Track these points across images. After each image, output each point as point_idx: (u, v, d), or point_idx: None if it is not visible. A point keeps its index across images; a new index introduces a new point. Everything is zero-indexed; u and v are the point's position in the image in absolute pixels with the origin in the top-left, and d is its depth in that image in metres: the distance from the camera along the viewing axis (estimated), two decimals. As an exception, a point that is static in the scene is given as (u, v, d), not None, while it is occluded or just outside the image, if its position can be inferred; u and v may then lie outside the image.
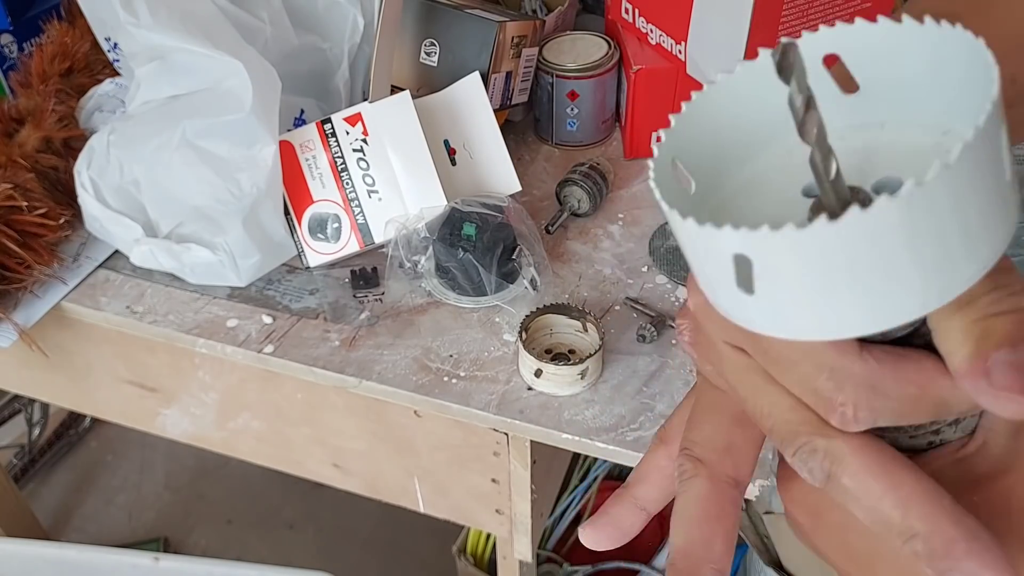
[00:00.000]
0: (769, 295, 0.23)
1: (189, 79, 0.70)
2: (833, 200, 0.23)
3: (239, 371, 0.76)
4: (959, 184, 0.21)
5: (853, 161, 0.26)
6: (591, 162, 0.80)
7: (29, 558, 0.82)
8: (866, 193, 0.24)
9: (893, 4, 0.76)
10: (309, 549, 1.47)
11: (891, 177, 0.25)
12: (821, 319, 0.23)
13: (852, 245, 0.21)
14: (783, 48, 0.22)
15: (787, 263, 0.21)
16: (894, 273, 0.21)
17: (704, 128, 0.27)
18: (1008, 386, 0.23)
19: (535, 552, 0.82)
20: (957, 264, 0.22)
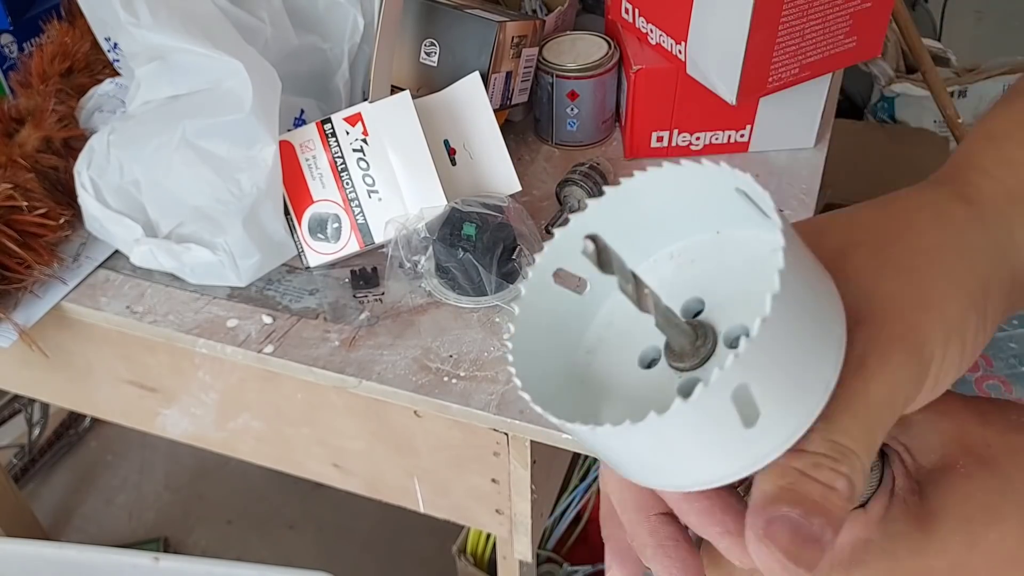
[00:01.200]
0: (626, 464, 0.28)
1: (189, 79, 0.70)
2: (685, 344, 0.27)
3: (239, 371, 0.76)
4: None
5: (684, 281, 0.30)
6: (591, 162, 0.80)
7: (29, 558, 0.82)
8: (707, 324, 0.28)
9: (892, 5, 0.76)
10: (309, 549, 1.47)
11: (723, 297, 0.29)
12: (655, 479, 0.28)
13: (756, 364, 0.24)
14: (595, 247, 0.25)
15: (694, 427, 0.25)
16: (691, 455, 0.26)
17: (543, 310, 0.31)
18: (777, 541, 0.25)
19: (535, 552, 0.82)
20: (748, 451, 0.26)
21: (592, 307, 0.32)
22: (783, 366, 0.24)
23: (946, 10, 2.01)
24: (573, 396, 0.31)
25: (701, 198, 0.28)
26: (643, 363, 0.30)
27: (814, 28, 0.73)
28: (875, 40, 0.78)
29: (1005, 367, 0.73)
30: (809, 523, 0.25)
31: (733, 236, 0.29)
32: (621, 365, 0.31)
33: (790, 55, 0.74)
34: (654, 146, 0.86)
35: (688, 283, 0.30)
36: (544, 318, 0.31)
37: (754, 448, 0.25)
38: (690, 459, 0.26)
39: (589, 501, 1.26)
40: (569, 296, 0.31)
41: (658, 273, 0.31)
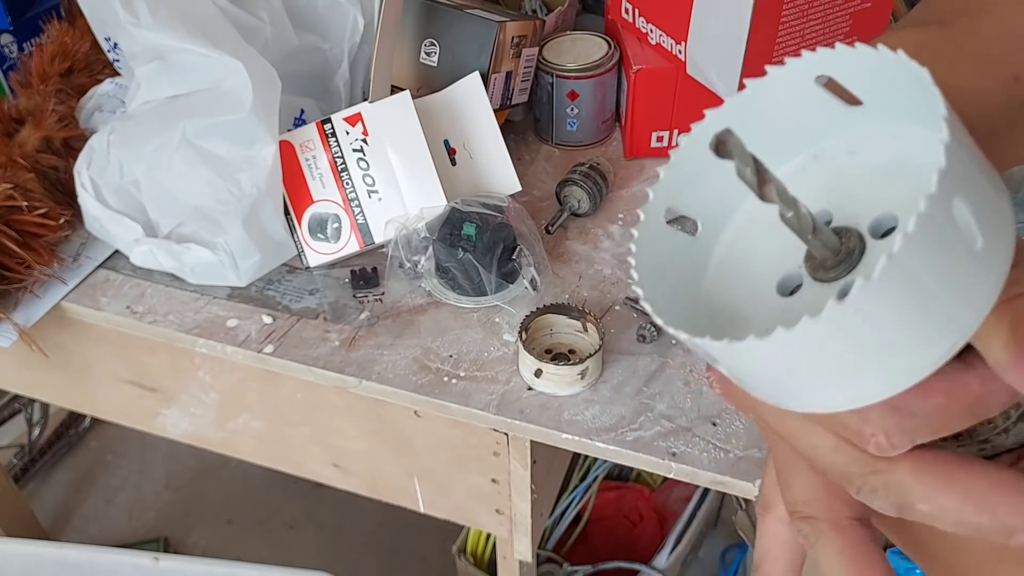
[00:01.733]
0: (769, 384, 0.24)
1: (189, 79, 0.70)
2: (820, 249, 0.24)
3: (239, 371, 0.76)
4: (933, 239, 0.21)
5: (855, 182, 0.26)
6: (591, 162, 0.80)
7: (29, 558, 0.82)
8: (855, 232, 0.24)
9: (892, 5, 0.76)
10: (309, 549, 1.47)
11: (884, 212, 0.25)
12: (831, 398, 0.23)
13: (836, 334, 0.21)
14: (718, 138, 0.23)
15: (768, 362, 0.22)
16: (891, 344, 0.22)
17: (687, 186, 0.28)
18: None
19: (535, 552, 0.82)
20: (960, 312, 0.22)
21: (716, 230, 0.29)
22: (953, 253, 0.21)
23: (946, 10, 2.00)
24: (705, 326, 0.26)
25: (867, 85, 0.25)
26: (783, 291, 0.26)
27: (814, 28, 0.73)
28: (875, 40, 0.78)
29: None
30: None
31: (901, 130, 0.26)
32: (756, 292, 0.27)
33: (790, 55, 0.74)
34: (654, 146, 0.86)
35: (836, 191, 0.27)
36: (664, 246, 0.27)
37: (933, 347, 0.22)
38: (817, 380, 0.23)
39: (589, 501, 1.26)
40: (701, 198, 0.28)
41: (801, 178, 0.28)
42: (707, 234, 0.28)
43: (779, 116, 0.26)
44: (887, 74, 0.23)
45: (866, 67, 0.24)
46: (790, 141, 0.27)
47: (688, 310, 0.27)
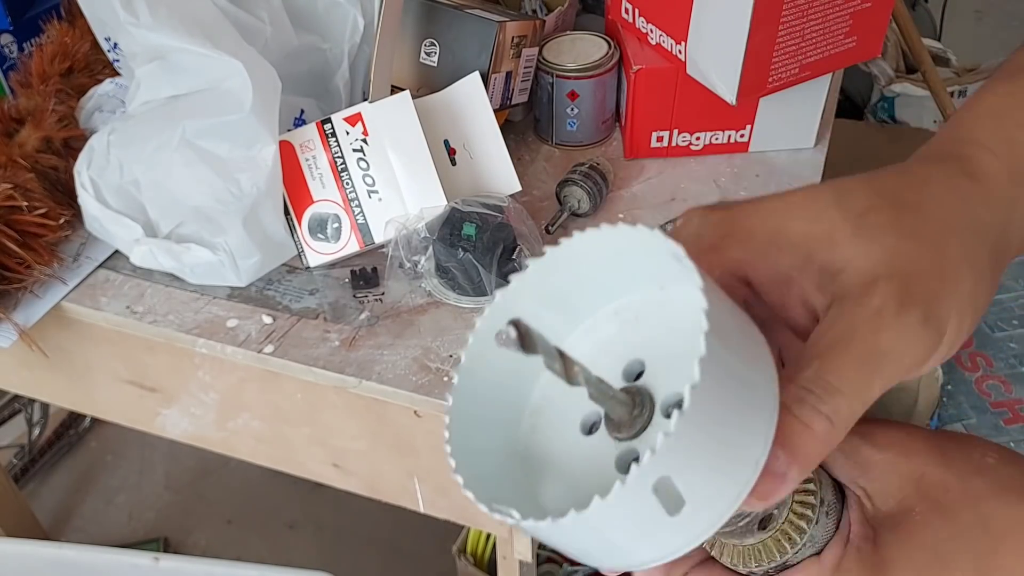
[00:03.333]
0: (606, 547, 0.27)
1: (189, 79, 0.70)
2: (622, 413, 0.27)
3: (239, 371, 0.76)
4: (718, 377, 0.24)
5: (619, 347, 0.30)
6: (591, 162, 0.80)
7: (29, 558, 0.82)
8: (644, 389, 0.28)
9: (892, 5, 0.76)
10: (309, 549, 1.47)
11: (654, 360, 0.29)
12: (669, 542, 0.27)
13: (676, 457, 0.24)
14: (517, 330, 0.25)
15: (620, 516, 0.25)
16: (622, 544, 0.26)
17: (479, 391, 0.30)
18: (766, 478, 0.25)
19: (535, 552, 0.82)
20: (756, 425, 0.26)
21: (528, 378, 0.32)
22: (707, 454, 0.24)
23: (946, 10, 2.00)
24: (515, 471, 0.30)
25: (642, 256, 0.28)
26: (584, 428, 0.30)
27: (814, 28, 0.73)
28: (875, 40, 0.78)
29: (1005, 367, 0.73)
30: (774, 456, 0.25)
31: (677, 292, 0.29)
32: (563, 432, 0.30)
33: (790, 55, 0.74)
34: (654, 146, 0.86)
35: (631, 342, 0.30)
36: (486, 388, 0.30)
37: (683, 532, 0.26)
38: (620, 546, 0.26)
39: (589, 501, 1.26)
40: (510, 364, 0.30)
41: (601, 332, 0.31)
42: (515, 398, 0.31)
43: (582, 275, 0.30)
44: (651, 247, 0.27)
45: (638, 243, 0.28)
46: (595, 295, 0.31)
47: (504, 453, 0.31)
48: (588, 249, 0.29)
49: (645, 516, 0.25)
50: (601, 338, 0.31)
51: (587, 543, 0.27)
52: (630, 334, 0.30)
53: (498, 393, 0.31)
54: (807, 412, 0.26)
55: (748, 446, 0.25)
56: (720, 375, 0.24)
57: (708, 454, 0.24)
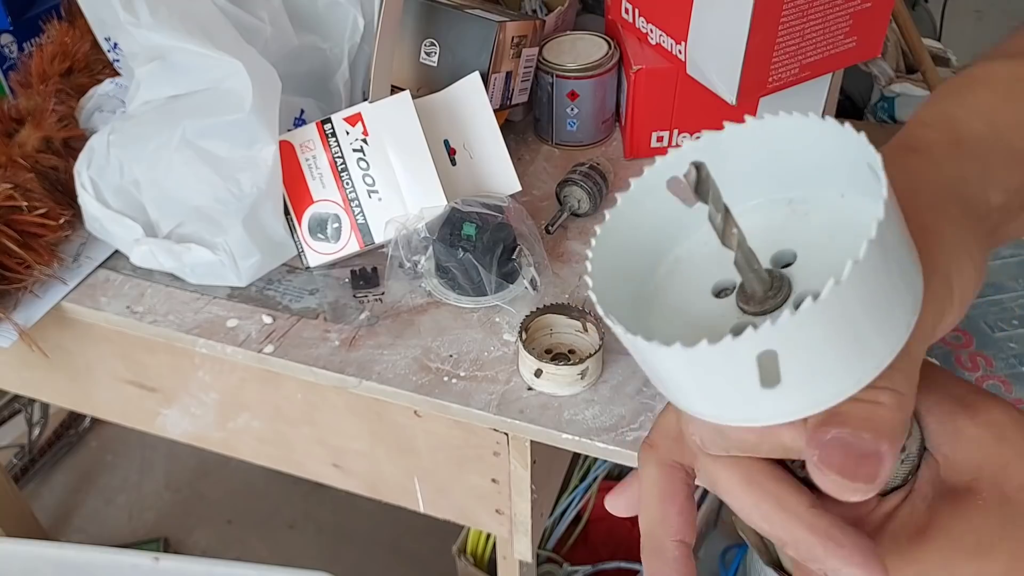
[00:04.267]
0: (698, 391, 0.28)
1: (189, 79, 0.70)
2: (757, 289, 0.27)
3: (239, 371, 0.76)
4: (862, 286, 0.24)
5: (775, 235, 0.30)
6: (591, 162, 0.80)
7: (29, 558, 0.82)
8: (787, 279, 0.28)
9: (892, 5, 0.76)
10: (309, 549, 1.47)
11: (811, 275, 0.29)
12: (754, 411, 0.27)
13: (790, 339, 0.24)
14: (696, 170, 0.25)
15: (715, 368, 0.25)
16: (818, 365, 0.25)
17: (633, 222, 0.31)
18: (830, 464, 0.25)
19: (535, 552, 0.82)
20: (873, 347, 0.26)
21: (682, 231, 0.32)
22: (820, 351, 0.25)
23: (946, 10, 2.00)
24: (639, 309, 0.31)
25: (834, 156, 0.28)
26: (715, 291, 0.30)
27: (814, 28, 0.73)
28: (875, 40, 0.78)
29: (1005, 367, 0.73)
30: (860, 439, 0.25)
31: (854, 202, 0.29)
32: (693, 291, 0.31)
33: (790, 55, 0.74)
34: (654, 146, 0.86)
35: (792, 233, 0.30)
36: (630, 232, 0.31)
37: (765, 407, 0.26)
38: (708, 394, 0.27)
39: (589, 501, 1.26)
40: (662, 214, 0.31)
41: (768, 215, 0.31)
42: (662, 243, 0.32)
43: (739, 166, 0.30)
44: (848, 149, 0.27)
45: (835, 141, 0.27)
46: (753, 185, 0.31)
47: (633, 293, 0.31)
48: (783, 132, 0.29)
49: (740, 377, 0.25)
50: (766, 221, 0.31)
51: (680, 379, 0.27)
52: (795, 226, 0.30)
53: (645, 236, 0.31)
54: (868, 392, 0.26)
55: (859, 362, 0.26)
56: (865, 287, 0.24)
57: (821, 352, 0.25)
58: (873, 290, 0.25)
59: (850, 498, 0.26)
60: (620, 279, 0.30)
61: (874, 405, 0.26)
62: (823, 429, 0.26)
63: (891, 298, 0.26)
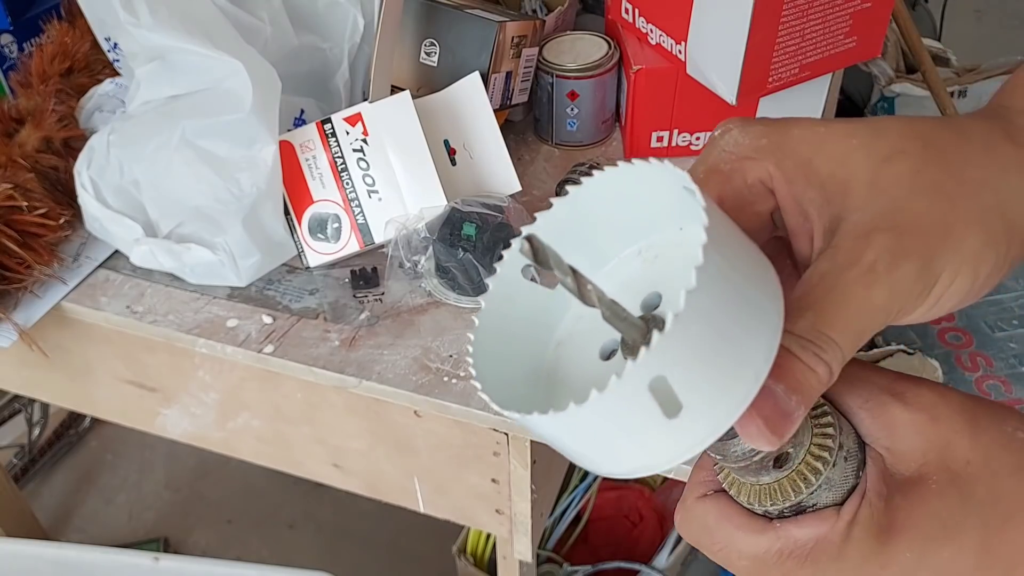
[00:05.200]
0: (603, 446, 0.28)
1: (189, 79, 0.70)
2: (636, 336, 0.27)
3: (239, 371, 0.76)
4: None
5: (647, 281, 0.31)
6: (591, 162, 0.80)
7: (29, 558, 0.82)
8: (659, 319, 0.29)
9: (892, 5, 0.76)
10: (309, 549, 1.47)
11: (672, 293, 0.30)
12: (673, 447, 0.27)
13: (671, 357, 0.25)
14: (529, 244, 0.26)
15: (619, 414, 0.26)
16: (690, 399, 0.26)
17: (505, 319, 0.31)
18: (759, 408, 0.26)
19: (535, 552, 0.82)
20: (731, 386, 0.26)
21: (554, 316, 0.33)
22: (705, 359, 0.25)
23: (946, 10, 2.00)
24: (535, 392, 0.31)
25: (661, 195, 0.29)
26: (603, 355, 0.31)
27: (814, 28, 0.73)
28: (875, 40, 0.78)
29: (1005, 367, 0.73)
30: (788, 398, 0.27)
31: (692, 232, 0.30)
32: (585, 358, 0.31)
33: (790, 55, 0.74)
34: (654, 146, 0.86)
35: (650, 279, 0.31)
36: (516, 313, 0.31)
37: (680, 438, 0.26)
38: (618, 447, 0.27)
39: (589, 501, 1.26)
40: (541, 293, 0.31)
41: (625, 270, 0.32)
42: (540, 333, 0.33)
43: (597, 223, 0.31)
44: (668, 183, 0.28)
45: (655, 179, 0.28)
46: (618, 237, 0.32)
47: (527, 376, 0.32)
48: (608, 188, 0.29)
49: (642, 416, 0.25)
50: (624, 277, 0.32)
51: (584, 441, 0.27)
52: (651, 271, 0.31)
53: (525, 325, 0.32)
54: (811, 358, 0.27)
55: (748, 360, 0.26)
56: (719, 287, 0.25)
57: (706, 360, 0.25)
58: (730, 286, 0.26)
59: (758, 443, 0.27)
60: (510, 374, 0.31)
61: (810, 372, 0.27)
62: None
63: (753, 289, 0.27)
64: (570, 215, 0.30)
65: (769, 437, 0.27)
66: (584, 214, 0.30)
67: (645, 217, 0.30)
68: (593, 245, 0.31)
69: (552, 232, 0.30)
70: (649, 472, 0.27)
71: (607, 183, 0.29)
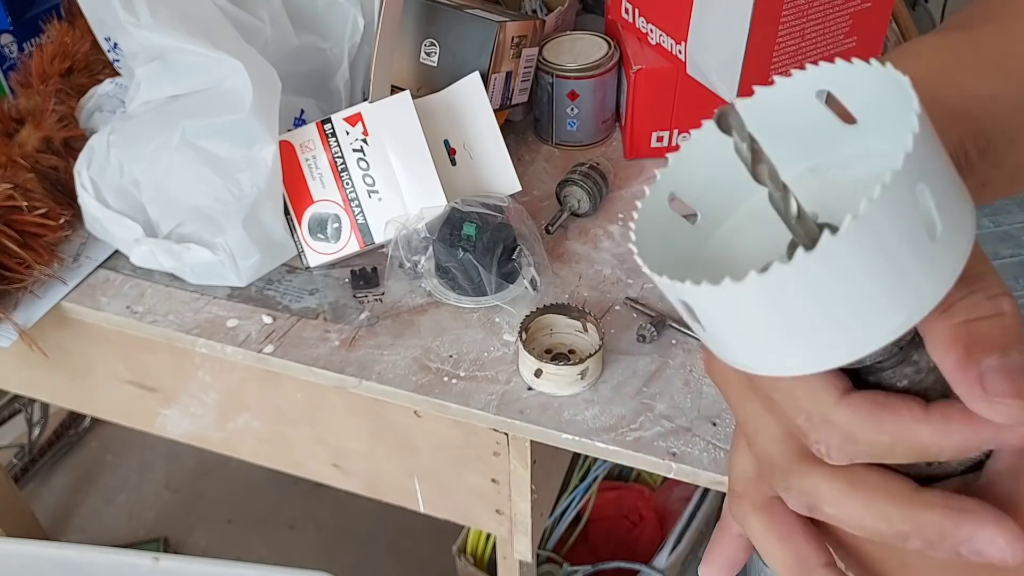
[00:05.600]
0: (737, 337, 0.25)
1: (189, 79, 0.70)
2: (802, 235, 0.24)
3: (239, 371, 0.76)
4: (896, 210, 0.22)
5: (844, 193, 0.28)
6: (591, 162, 0.80)
7: (29, 558, 0.82)
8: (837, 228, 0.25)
9: (892, 5, 0.76)
10: (309, 549, 1.47)
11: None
12: (791, 357, 0.24)
13: (804, 286, 0.22)
14: (720, 113, 0.24)
15: (741, 310, 0.23)
16: (852, 306, 0.23)
17: (693, 177, 0.28)
18: (1003, 392, 0.23)
19: (535, 552, 0.82)
20: (918, 285, 0.23)
21: (714, 224, 0.30)
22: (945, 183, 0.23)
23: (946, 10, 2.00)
24: (692, 265, 0.29)
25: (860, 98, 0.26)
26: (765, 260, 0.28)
27: (814, 28, 0.73)
28: (875, 40, 0.78)
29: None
30: (1012, 358, 0.23)
31: (882, 148, 0.27)
32: (748, 256, 0.28)
33: (790, 55, 0.74)
34: (654, 146, 0.86)
35: (830, 199, 0.28)
36: (663, 227, 0.28)
37: (937, 273, 0.23)
38: (788, 331, 0.23)
39: (589, 501, 1.26)
40: (721, 174, 0.28)
41: (799, 188, 0.28)
42: (705, 225, 0.29)
43: (782, 126, 0.27)
44: (880, 88, 0.24)
45: (863, 82, 0.25)
46: (791, 151, 0.28)
47: (680, 258, 0.29)
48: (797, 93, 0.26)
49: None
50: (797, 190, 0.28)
51: (754, 320, 0.23)
52: (830, 191, 0.28)
53: (677, 227, 0.29)
54: (988, 304, 0.24)
55: (949, 250, 0.23)
56: (937, 164, 0.23)
57: (915, 229, 0.22)
58: (938, 173, 0.23)
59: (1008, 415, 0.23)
60: (668, 253, 0.28)
61: (1001, 317, 0.24)
62: (971, 362, 0.24)
63: (947, 198, 0.23)
64: (755, 113, 0.27)
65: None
66: (768, 117, 0.27)
67: (825, 129, 0.27)
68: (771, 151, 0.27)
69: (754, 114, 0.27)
70: (808, 371, 0.24)
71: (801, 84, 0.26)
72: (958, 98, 0.31)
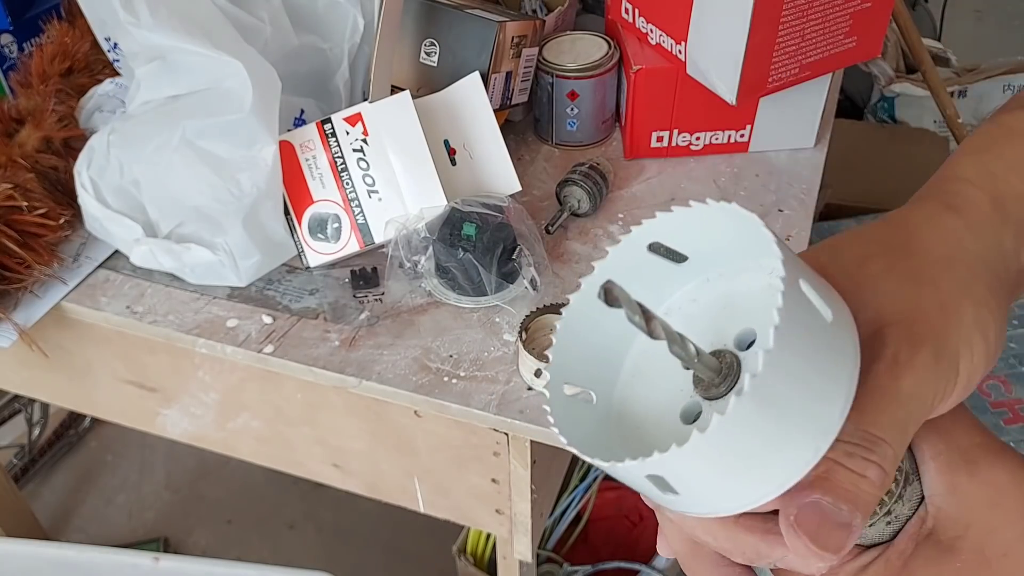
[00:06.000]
0: (714, 482, 0.27)
1: (189, 79, 0.70)
2: (706, 372, 0.27)
3: (239, 371, 0.76)
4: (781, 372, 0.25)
5: (714, 314, 0.31)
6: (591, 162, 0.80)
7: (29, 558, 0.82)
8: (730, 352, 0.29)
9: (892, 5, 0.76)
10: (309, 549, 1.47)
11: (746, 328, 0.30)
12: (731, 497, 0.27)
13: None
14: (605, 289, 0.26)
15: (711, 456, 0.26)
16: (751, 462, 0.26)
17: (576, 347, 0.32)
18: (803, 524, 0.26)
19: (535, 552, 0.82)
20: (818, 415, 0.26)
21: (630, 340, 0.33)
22: (792, 394, 0.25)
23: (946, 10, 2.00)
24: (609, 430, 0.31)
25: (729, 232, 0.29)
26: (686, 420, 0.30)
27: (814, 28, 0.73)
28: (875, 40, 0.78)
29: (1005, 367, 0.73)
30: (838, 509, 0.26)
31: (767, 265, 0.30)
32: (655, 395, 0.31)
33: (790, 55, 0.74)
34: (654, 146, 0.86)
35: (720, 311, 0.31)
36: (583, 352, 0.32)
37: (774, 475, 0.26)
38: (708, 487, 0.27)
39: (589, 501, 1.26)
40: (608, 331, 0.31)
41: (696, 302, 0.32)
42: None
43: (644, 270, 0.31)
44: (720, 222, 0.28)
45: (692, 223, 0.29)
46: (663, 286, 0.32)
47: (600, 419, 0.32)
48: (679, 225, 0.30)
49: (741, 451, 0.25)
50: (697, 306, 0.32)
51: (679, 480, 0.27)
52: (719, 303, 0.31)
53: (595, 355, 0.32)
54: (859, 463, 0.27)
55: (833, 392, 0.26)
56: (803, 321, 0.25)
57: (794, 393, 0.25)
58: (809, 330, 0.26)
59: (812, 564, 0.26)
60: (581, 413, 0.31)
61: (859, 478, 0.26)
62: (806, 491, 0.26)
63: (827, 337, 0.26)
64: (635, 253, 0.31)
65: (820, 553, 0.26)
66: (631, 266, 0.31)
67: (715, 252, 0.31)
68: (662, 277, 0.31)
69: (619, 267, 0.30)
70: (724, 513, 0.28)
71: (678, 220, 0.29)
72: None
